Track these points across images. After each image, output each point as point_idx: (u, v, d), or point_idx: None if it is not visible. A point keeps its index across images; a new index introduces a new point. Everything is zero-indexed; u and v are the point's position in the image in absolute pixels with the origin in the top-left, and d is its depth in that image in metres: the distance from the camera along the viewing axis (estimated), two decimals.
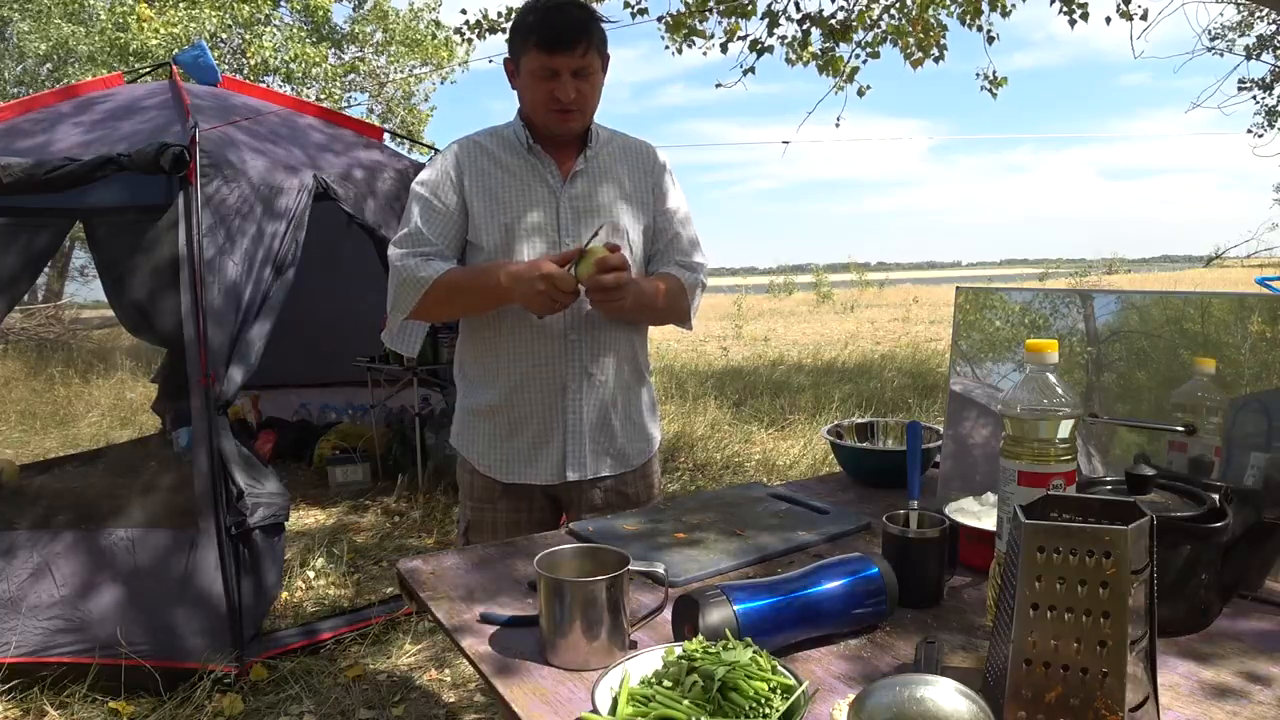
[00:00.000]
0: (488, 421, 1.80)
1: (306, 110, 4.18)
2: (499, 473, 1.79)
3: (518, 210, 1.74)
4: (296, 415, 5.94)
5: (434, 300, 1.69)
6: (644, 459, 1.86)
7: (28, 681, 2.68)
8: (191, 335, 2.80)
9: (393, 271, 1.73)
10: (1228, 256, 12.29)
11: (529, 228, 1.74)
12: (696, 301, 1.87)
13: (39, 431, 6.48)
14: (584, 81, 1.67)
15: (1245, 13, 11.76)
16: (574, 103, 1.67)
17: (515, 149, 1.77)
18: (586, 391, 1.76)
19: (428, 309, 1.72)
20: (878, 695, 0.76)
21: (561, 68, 1.64)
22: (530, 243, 1.73)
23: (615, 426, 1.80)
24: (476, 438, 1.82)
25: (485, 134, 1.82)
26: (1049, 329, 1.39)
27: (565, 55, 1.63)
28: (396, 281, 1.71)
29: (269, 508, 2.82)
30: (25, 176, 2.87)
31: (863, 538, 1.38)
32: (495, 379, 1.77)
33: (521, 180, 1.75)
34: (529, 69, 1.67)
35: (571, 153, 1.78)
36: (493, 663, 1.00)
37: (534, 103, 1.70)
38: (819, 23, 6.24)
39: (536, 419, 1.75)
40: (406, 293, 1.70)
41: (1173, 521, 1.00)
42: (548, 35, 1.62)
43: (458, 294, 1.71)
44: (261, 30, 11.98)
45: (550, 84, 1.65)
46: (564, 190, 1.76)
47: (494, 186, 1.75)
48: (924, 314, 17.96)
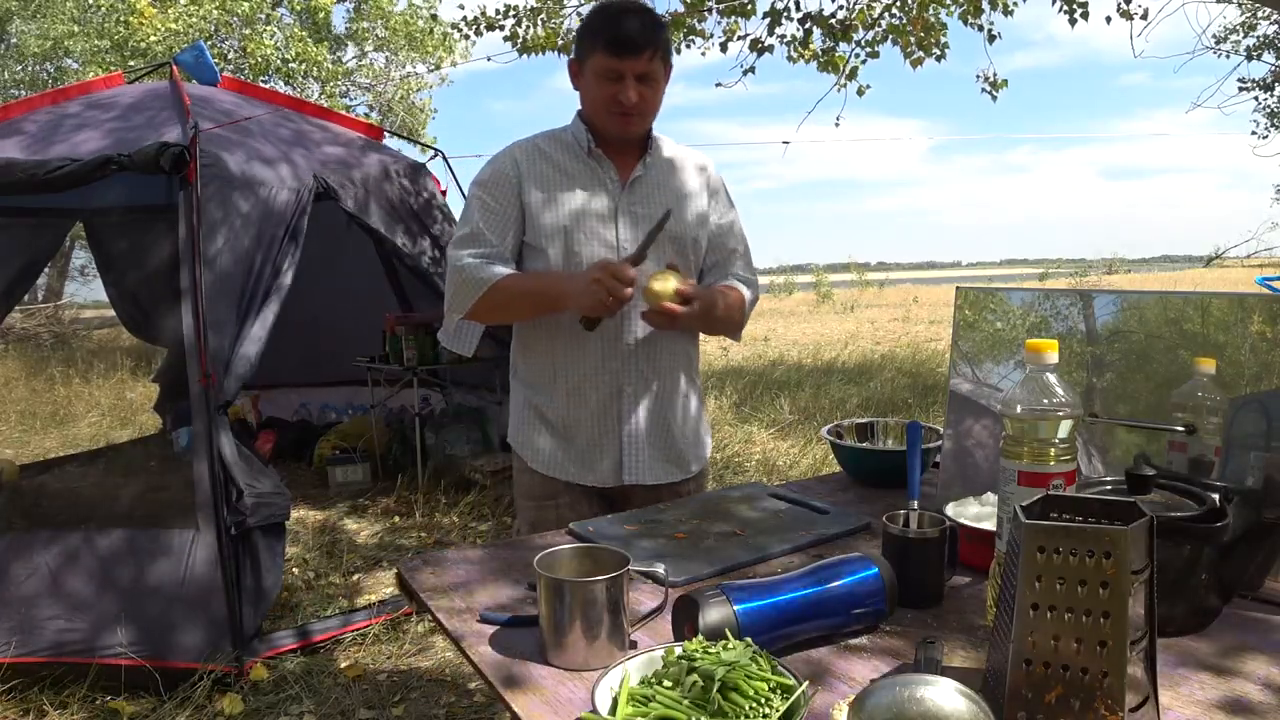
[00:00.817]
0: (544, 423, 1.81)
1: (306, 110, 4.18)
2: (558, 472, 1.80)
3: (577, 214, 1.74)
4: (296, 415, 5.94)
5: (490, 303, 1.71)
6: (700, 465, 1.89)
7: (28, 681, 2.68)
8: (191, 335, 2.81)
9: (452, 271, 1.75)
10: (1228, 256, 12.30)
11: (588, 231, 1.74)
12: (749, 315, 1.92)
13: (39, 431, 6.48)
14: (647, 86, 1.69)
15: (1248, 14, 11.77)
16: (635, 107, 1.68)
17: (574, 152, 1.78)
18: (644, 396, 1.77)
19: (483, 311, 1.74)
20: (878, 695, 0.76)
21: (626, 71, 1.65)
22: (589, 246, 1.73)
23: (673, 432, 1.82)
24: (534, 437, 1.82)
25: (543, 138, 1.82)
26: (1049, 329, 1.39)
27: (631, 59, 1.64)
28: (457, 281, 1.73)
29: (269, 507, 2.82)
30: (25, 176, 2.87)
31: (863, 538, 1.38)
32: (553, 382, 1.78)
33: (581, 183, 1.76)
34: (594, 70, 1.68)
35: (632, 158, 1.79)
36: (493, 663, 1.00)
37: (596, 104, 1.72)
38: (820, 22, 6.25)
39: (593, 423, 1.77)
40: (465, 293, 1.72)
41: (1173, 521, 1.00)
42: (615, 39, 1.64)
43: (515, 299, 1.72)
44: (263, 29, 11.98)
45: (614, 87, 1.67)
46: (623, 195, 1.77)
47: (553, 189, 1.75)
48: (924, 314, 17.96)
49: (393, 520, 4.48)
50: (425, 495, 4.68)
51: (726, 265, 1.88)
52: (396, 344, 4.90)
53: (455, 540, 4.16)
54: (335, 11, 13.02)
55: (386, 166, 3.85)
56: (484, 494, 4.58)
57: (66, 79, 11.93)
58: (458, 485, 4.72)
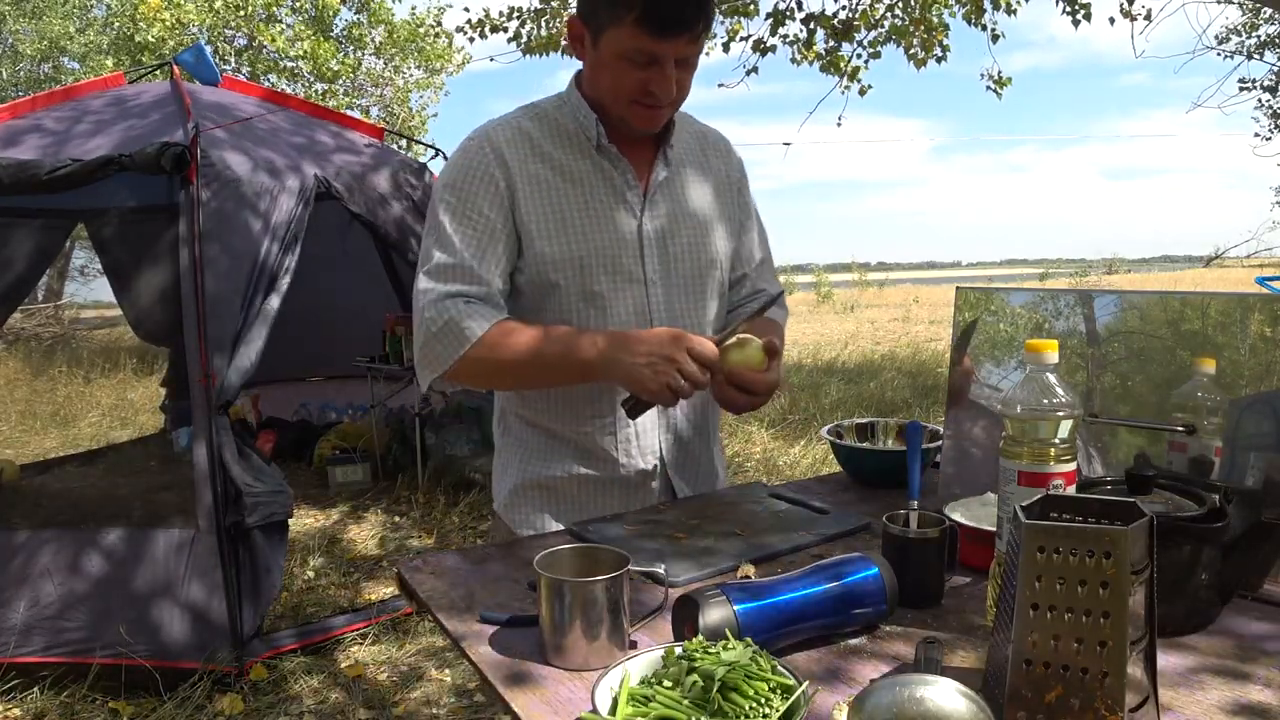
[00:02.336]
0: (553, 496, 1.47)
1: (307, 110, 4.18)
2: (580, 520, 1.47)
3: (594, 239, 1.36)
4: (296, 415, 5.94)
5: (481, 364, 1.30)
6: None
7: (28, 681, 2.68)
8: (192, 335, 2.81)
9: (423, 316, 1.31)
10: (1228, 256, 12.31)
11: (610, 263, 1.37)
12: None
13: (39, 431, 6.49)
14: (685, 73, 1.32)
15: (1250, 14, 11.77)
16: (669, 97, 1.31)
17: (577, 145, 1.39)
18: (666, 434, 1.49)
19: (469, 372, 1.31)
20: (878, 695, 0.76)
21: (666, 55, 1.27)
22: (613, 282, 1.37)
23: (698, 460, 1.57)
24: (541, 515, 1.47)
25: (529, 118, 1.40)
26: (1049, 329, 1.39)
27: (674, 40, 1.26)
28: (432, 330, 1.30)
29: (269, 506, 2.82)
30: (27, 177, 2.87)
31: (863, 538, 1.38)
32: (563, 443, 1.44)
33: (593, 194, 1.37)
34: (619, 48, 1.27)
35: (647, 152, 1.42)
36: (492, 663, 1.00)
37: (617, 92, 1.32)
38: (823, 22, 6.27)
39: (620, 480, 1.47)
40: (444, 346, 1.30)
41: (1173, 521, 1.00)
42: (655, 11, 1.23)
43: (523, 362, 1.29)
44: (274, 26, 11.98)
45: (646, 72, 1.28)
46: (646, 210, 1.40)
47: (556, 201, 1.35)
48: (924, 314, 17.96)
49: (393, 520, 4.48)
50: (425, 495, 4.68)
51: (756, 277, 1.60)
52: (396, 344, 4.91)
53: (455, 540, 4.16)
54: (340, 18, 13.02)
55: (387, 165, 3.85)
56: (484, 494, 4.58)
57: (64, 79, 11.93)
58: (458, 485, 4.73)
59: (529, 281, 1.38)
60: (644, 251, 1.40)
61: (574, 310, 1.39)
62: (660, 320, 1.42)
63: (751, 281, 1.61)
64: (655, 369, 1.21)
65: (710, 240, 1.48)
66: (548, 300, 1.38)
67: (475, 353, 1.29)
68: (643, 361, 1.22)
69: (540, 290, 1.38)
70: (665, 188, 1.43)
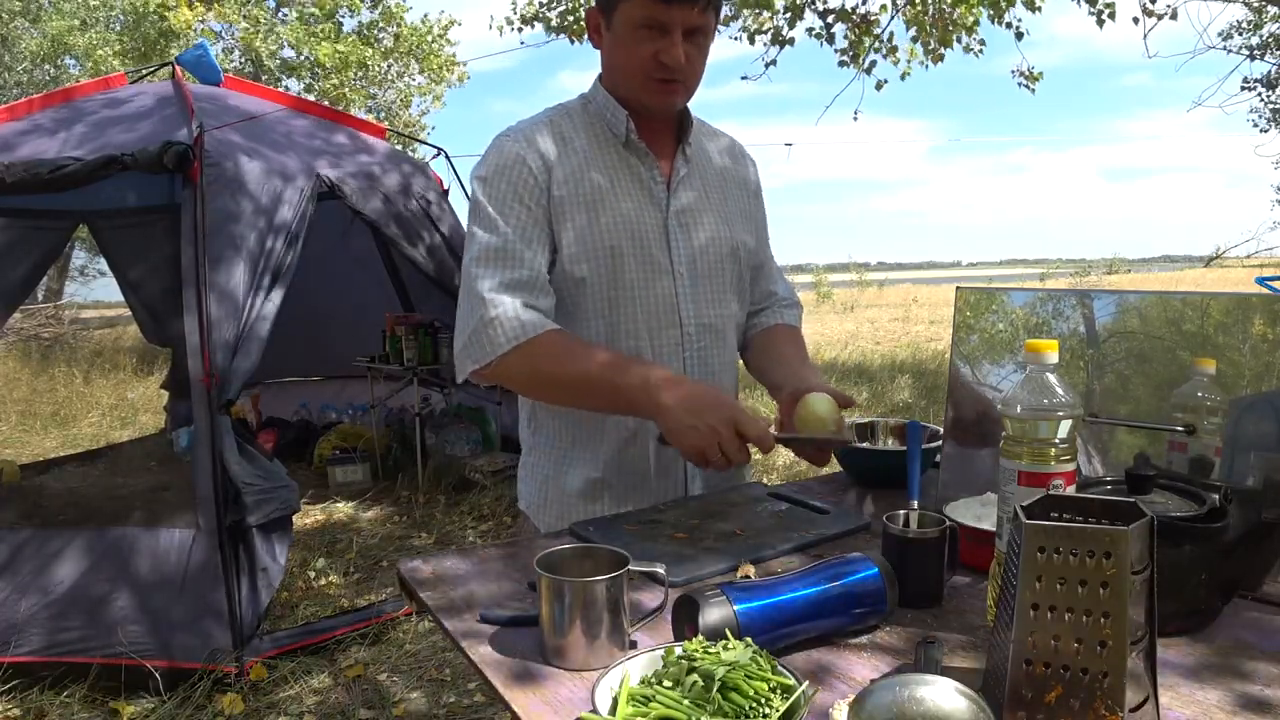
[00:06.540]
0: (589, 499, 1.50)
1: (309, 109, 4.18)
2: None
3: (623, 229, 1.40)
4: (296, 415, 5.95)
5: (522, 367, 1.31)
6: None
7: (28, 681, 2.68)
8: (194, 334, 2.81)
9: (474, 306, 1.33)
10: (1228, 256, 12.29)
11: (640, 255, 1.40)
12: None
13: (39, 431, 6.49)
14: (694, 46, 1.36)
15: (1255, 11, 11.77)
16: (681, 70, 1.35)
17: (606, 141, 1.44)
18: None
19: (509, 373, 1.33)
20: (878, 695, 0.76)
21: (674, 23, 1.31)
22: (643, 272, 1.40)
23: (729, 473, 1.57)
24: (576, 515, 1.48)
25: (560, 116, 1.46)
26: (1049, 329, 1.39)
27: (680, 5, 1.30)
28: (484, 318, 1.31)
29: (272, 502, 2.82)
30: (29, 176, 2.88)
31: (863, 538, 1.38)
32: (599, 441, 1.46)
33: (622, 188, 1.42)
34: (629, 19, 1.33)
35: (668, 146, 1.48)
36: (492, 663, 1.00)
37: (630, 67, 1.37)
38: (842, 16, 6.33)
39: (651, 483, 1.50)
40: (492, 339, 1.31)
41: (1173, 521, 1.00)
42: None
43: (575, 379, 1.32)
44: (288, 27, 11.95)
45: (655, 43, 1.33)
46: (670, 203, 1.46)
47: (588, 192, 1.40)
48: (924, 314, 17.97)
49: (393, 520, 4.49)
50: (425, 495, 4.68)
51: (766, 282, 1.64)
52: (396, 344, 4.91)
53: (455, 540, 4.17)
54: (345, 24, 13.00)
55: (391, 165, 3.85)
56: (484, 494, 4.59)
57: (65, 80, 11.91)
58: (458, 485, 4.73)
59: (555, 281, 1.41)
60: (670, 240, 1.45)
61: (604, 307, 1.41)
62: (689, 313, 1.46)
63: (762, 285, 1.68)
64: (699, 432, 1.24)
65: (731, 232, 1.53)
66: (577, 300, 1.42)
67: (519, 355, 1.31)
68: (688, 421, 1.24)
69: (568, 288, 1.41)
70: (687, 181, 1.49)
